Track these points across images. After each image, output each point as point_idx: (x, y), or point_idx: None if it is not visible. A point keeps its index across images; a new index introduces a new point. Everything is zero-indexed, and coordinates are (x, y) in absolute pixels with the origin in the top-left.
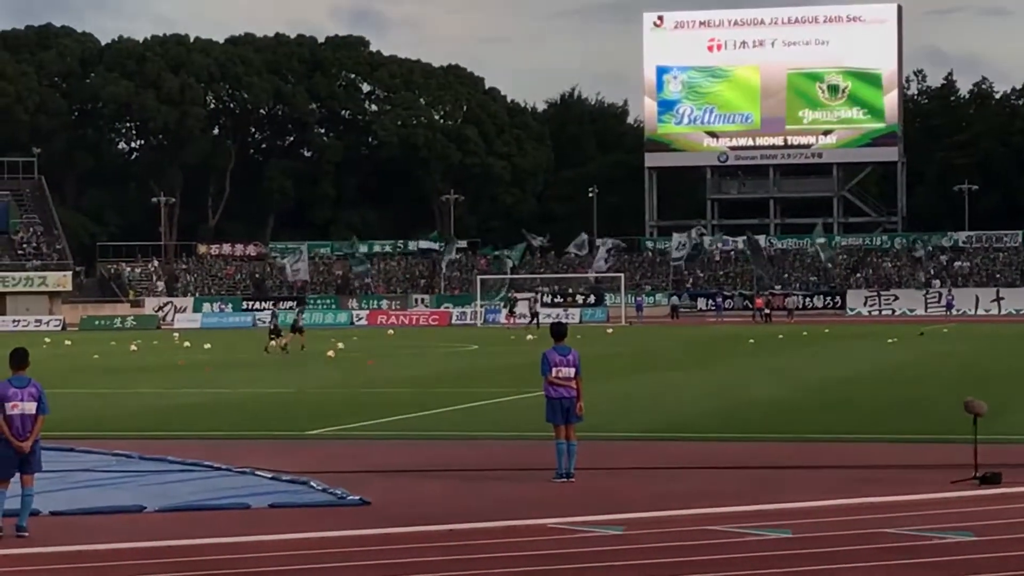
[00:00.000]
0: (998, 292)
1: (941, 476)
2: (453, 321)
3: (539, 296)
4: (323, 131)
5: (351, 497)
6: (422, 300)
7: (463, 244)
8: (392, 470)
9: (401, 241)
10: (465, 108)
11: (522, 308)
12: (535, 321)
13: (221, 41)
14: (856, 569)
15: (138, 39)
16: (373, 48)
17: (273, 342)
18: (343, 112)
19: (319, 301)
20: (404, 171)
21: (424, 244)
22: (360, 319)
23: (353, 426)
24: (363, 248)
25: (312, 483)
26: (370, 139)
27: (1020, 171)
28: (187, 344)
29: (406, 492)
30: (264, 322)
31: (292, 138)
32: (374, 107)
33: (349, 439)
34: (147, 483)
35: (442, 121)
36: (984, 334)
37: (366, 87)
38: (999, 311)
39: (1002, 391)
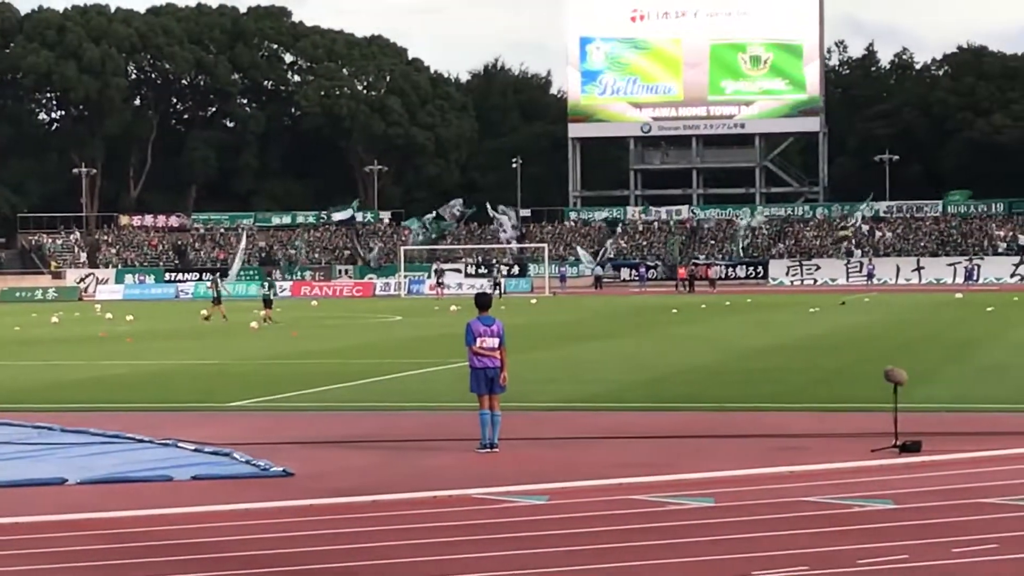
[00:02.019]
0: (918, 262)
1: (862, 445)
2: (377, 292)
3: (500, 267)
4: (245, 102)
5: (274, 469)
6: (346, 271)
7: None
8: (316, 441)
9: (324, 212)
10: (388, 79)
11: (449, 279)
12: (499, 291)
13: (142, 11)
14: (778, 537)
15: (58, 9)
16: (295, 18)
17: (263, 312)
18: (265, 82)
19: (242, 273)
20: (327, 142)
21: (339, 215)
22: (284, 290)
23: (277, 397)
24: (286, 219)
25: (235, 455)
26: (293, 110)
27: (940, 141)
28: (109, 316)
29: (330, 463)
30: (186, 294)
31: (214, 109)
32: (297, 78)
33: (273, 411)
34: (69, 455)
35: (365, 92)
36: (905, 303)
37: (289, 58)
38: (920, 280)
39: (922, 360)
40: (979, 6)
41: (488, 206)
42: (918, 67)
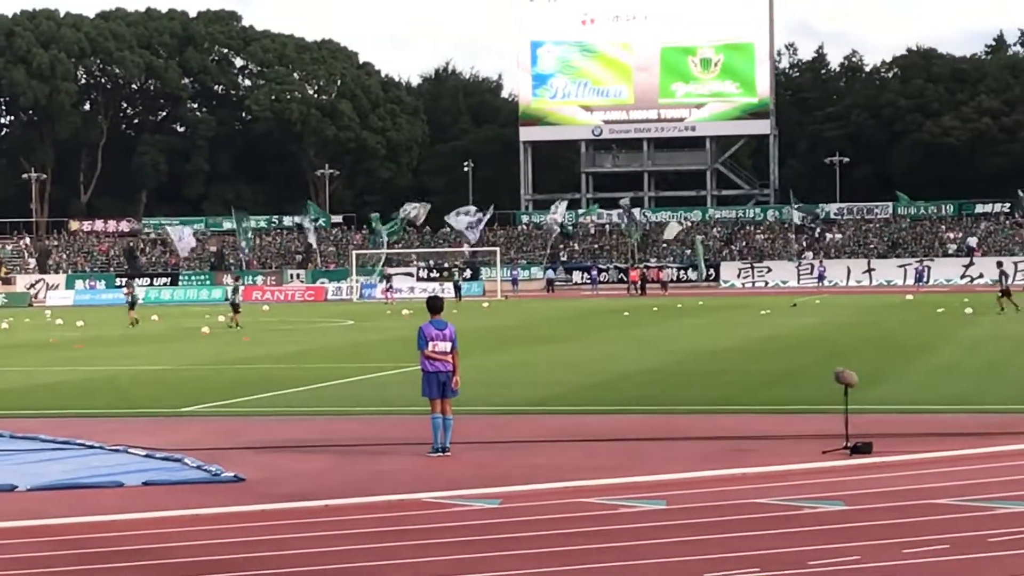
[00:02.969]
0: (869, 263)
1: (813, 446)
2: (329, 296)
3: (458, 270)
4: (196, 106)
5: (226, 474)
6: (297, 276)
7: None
8: (268, 446)
9: (276, 216)
10: (339, 83)
11: (401, 283)
12: (458, 295)
13: (92, 16)
14: (729, 539)
15: (7, 14)
16: (246, 23)
17: (231, 316)
18: (216, 87)
19: (193, 277)
20: (278, 146)
21: (299, 219)
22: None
23: (228, 403)
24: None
25: (186, 460)
26: (243, 114)
27: (890, 143)
28: (59, 321)
29: (281, 468)
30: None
31: (164, 113)
32: (247, 82)
33: (224, 416)
34: (19, 462)
35: (316, 96)
36: (855, 305)
37: (239, 62)
38: (870, 282)
39: (873, 361)
40: (928, 9)
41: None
42: (868, 70)
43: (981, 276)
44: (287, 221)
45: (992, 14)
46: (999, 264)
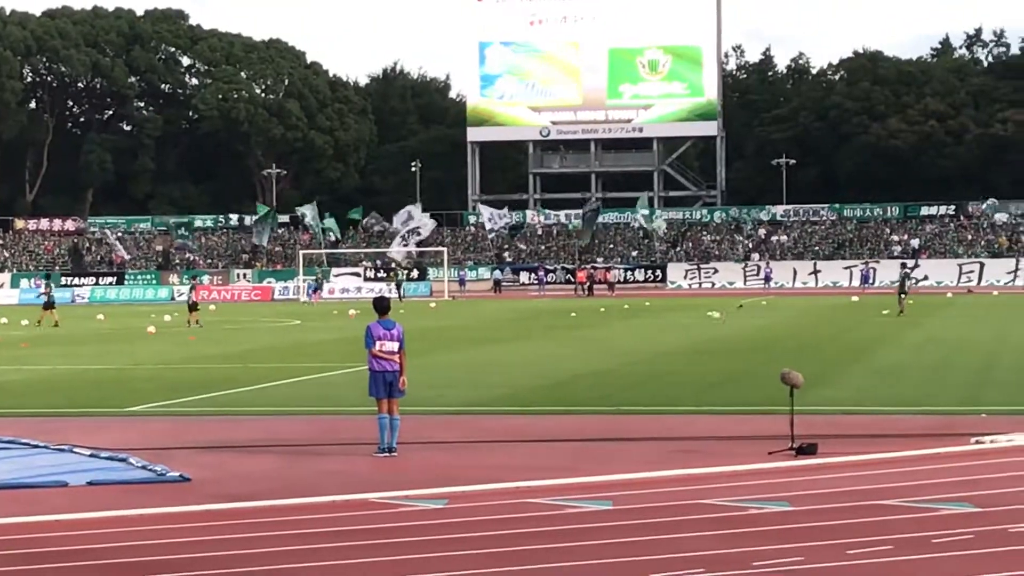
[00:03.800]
0: (815, 265)
1: (759, 447)
2: (275, 296)
3: (400, 270)
4: (142, 105)
5: (171, 474)
6: (244, 275)
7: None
8: (213, 446)
9: (223, 216)
10: (287, 82)
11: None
12: (399, 293)
13: (38, 14)
14: (675, 540)
15: None
16: (193, 21)
17: (191, 316)
18: (163, 86)
19: (139, 277)
20: (225, 145)
21: (249, 220)
22: (181, 295)
23: (174, 402)
24: (183, 221)
25: (131, 460)
26: (191, 113)
27: (836, 145)
28: (3, 320)
29: (227, 468)
30: (82, 298)
31: (111, 112)
32: (194, 81)
33: (170, 415)
34: None
35: (263, 95)
36: (801, 306)
37: (186, 61)
38: (816, 284)
39: (819, 363)
40: (874, 12)
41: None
42: (814, 72)
43: (926, 278)
44: (234, 221)
45: (938, 17)
46: (903, 266)
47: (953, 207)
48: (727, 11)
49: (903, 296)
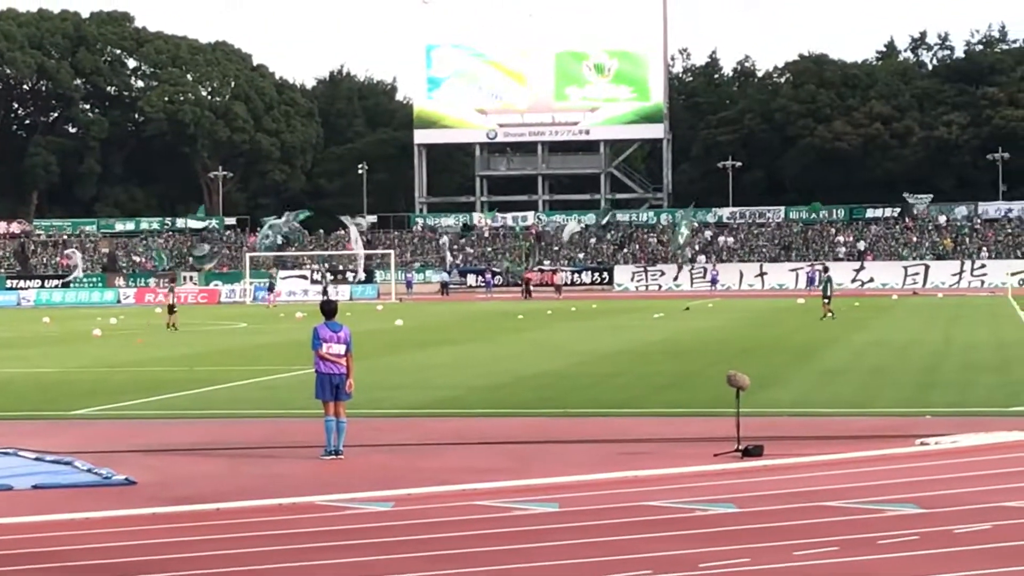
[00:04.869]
0: (761, 267)
1: (705, 449)
2: (222, 299)
3: (325, 273)
4: (88, 107)
5: (117, 477)
6: (191, 278)
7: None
8: (159, 449)
9: (169, 218)
10: (233, 84)
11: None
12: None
13: None
14: (621, 542)
15: None
16: (139, 24)
17: (169, 319)
18: (109, 88)
19: (85, 279)
20: (171, 148)
21: (192, 223)
22: (127, 297)
23: (120, 405)
24: (130, 225)
25: (77, 463)
26: (136, 115)
27: (782, 148)
28: None
29: (173, 471)
30: (28, 301)
31: (56, 114)
32: (140, 83)
33: (116, 418)
34: None
35: (209, 98)
36: (747, 309)
37: (132, 63)
38: (762, 286)
39: (765, 365)
40: (820, 15)
41: (343, 218)
42: (760, 75)
43: (871, 280)
44: (180, 223)
45: (883, 20)
46: (825, 269)
47: (898, 209)
48: (673, 14)
49: (827, 300)
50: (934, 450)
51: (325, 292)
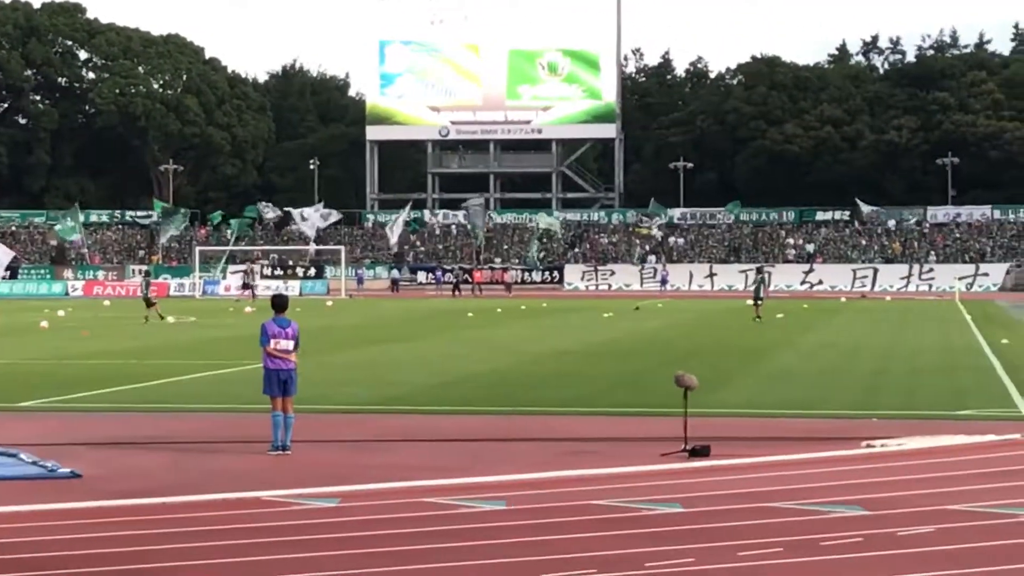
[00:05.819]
0: (711, 268)
1: (652, 449)
2: (171, 292)
3: (252, 267)
4: (39, 98)
5: (62, 470)
6: (139, 271)
7: (183, 217)
8: (105, 443)
9: (119, 211)
10: (185, 77)
11: (234, 280)
12: (251, 293)
13: None
14: (568, 540)
15: None
16: (90, 15)
17: (148, 312)
18: (59, 79)
19: (33, 271)
20: (122, 140)
21: (144, 215)
22: (75, 290)
23: (66, 398)
24: (80, 218)
25: (22, 455)
26: (87, 107)
27: (734, 150)
28: None
29: (119, 465)
30: None
31: (6, 105)
32: (91, 75)
33: (62, 411)
34: None
35: (161, 90)
36: (697, 309)
37: (83, 54)
38: (712, 287)
39: (713, 366)
40: (773, 18)
41: (292, 211)
42: (713, 76)
43: (821, 283)
44: (129, 216)
45: (836, 24)
46: (759, 270)
47: (848, 212)
48: (626, 14)
49: (760, 301)
50: (880, 453)
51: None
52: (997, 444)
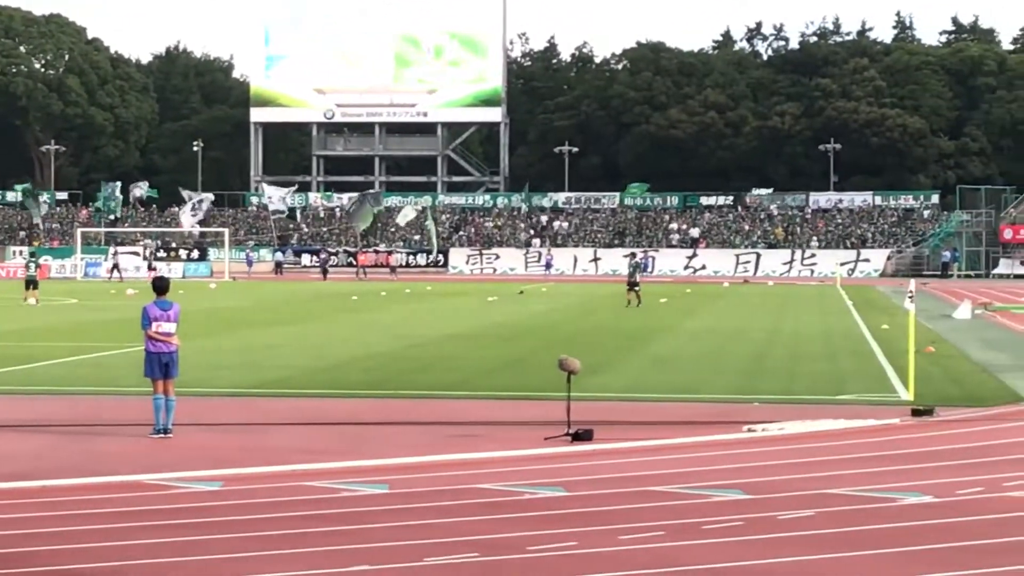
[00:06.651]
0: (595, 252)
1: (536, 433)
2: (52, 274)
3: (116, 248)
4: None
5: None
6: (20, 252)
7: (37, 199)
8: None
9: None
10: (67, 58)
11: (126, 262)
12: (118, 275)
13: None
14: (450, 524)
15: None
16: None
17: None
18: None
19: None
20: (3, 120)
21: (12, 196)
22: None
23: None
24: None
25: None
26: None
27: (618, 134)
28: None
29: None
30: None
31: None
32: None
33: None
34: None
35: (43, 70)
36: (581, 293)
37: None
38: (596, 271)
39: (596, 350)
40: (658, 3)
41: (183, 191)
42: (598, 61)
43: (704, 267)
44: (10, 197)
45: (720, 10)
46: (632, 255)
47: (732, 197)
48: None
49: (637, 288)
50: (761, 437)
51: (151, 267)
52: (877, 428)
